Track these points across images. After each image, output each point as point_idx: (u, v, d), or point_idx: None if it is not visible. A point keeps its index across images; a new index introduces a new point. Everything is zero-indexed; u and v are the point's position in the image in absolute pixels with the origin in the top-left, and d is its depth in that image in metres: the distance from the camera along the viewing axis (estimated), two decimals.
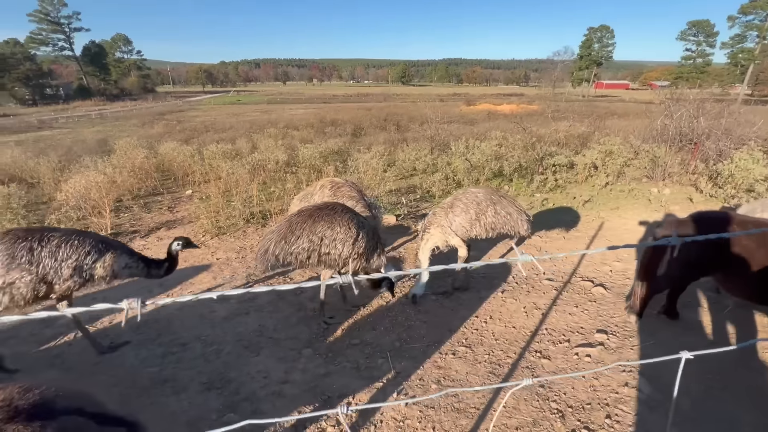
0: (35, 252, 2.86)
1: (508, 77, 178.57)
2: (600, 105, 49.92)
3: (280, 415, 2.58)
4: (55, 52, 66.66)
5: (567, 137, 15.43)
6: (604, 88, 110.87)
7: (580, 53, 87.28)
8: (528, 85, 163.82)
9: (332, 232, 3.31)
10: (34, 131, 30.27)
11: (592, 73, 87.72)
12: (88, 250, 3.02)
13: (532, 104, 51.13)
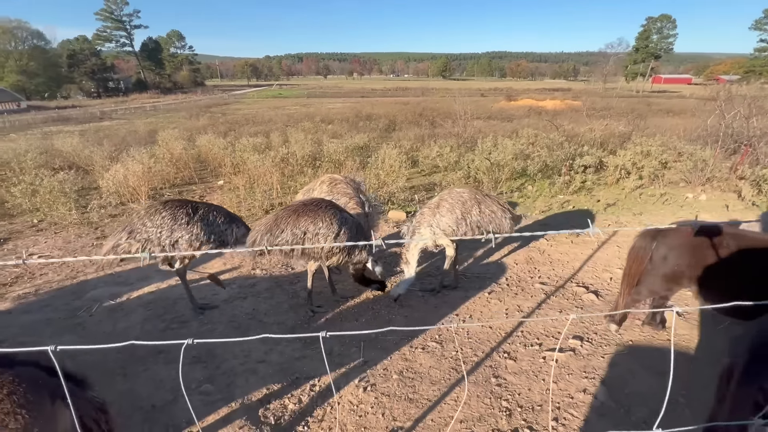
0: (191, 218, 3.68)
1: (556, 71, 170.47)
2: (654, 101, 46.67)
3: (250, 389, 2.86)
4: (117, 48, 72.12)
5: (606, 136, 14.72)
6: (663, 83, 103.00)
7: (636, 45, 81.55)
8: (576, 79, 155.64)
9: (315, 227, 3.53)
10: (96, 122, 32.99)
11: (648, 66, 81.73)
12: (224, 220, 3.84)
13: (577, 100, 48.77)
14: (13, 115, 38.88)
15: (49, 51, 58.65)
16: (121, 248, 3.63)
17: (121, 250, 3.63)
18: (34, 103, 50.44)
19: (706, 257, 2.83)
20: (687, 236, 2.94)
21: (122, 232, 3.68)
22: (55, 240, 6.90)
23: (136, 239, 3.62)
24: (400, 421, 2.54)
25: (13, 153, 12.69)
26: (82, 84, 62.38)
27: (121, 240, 3.65)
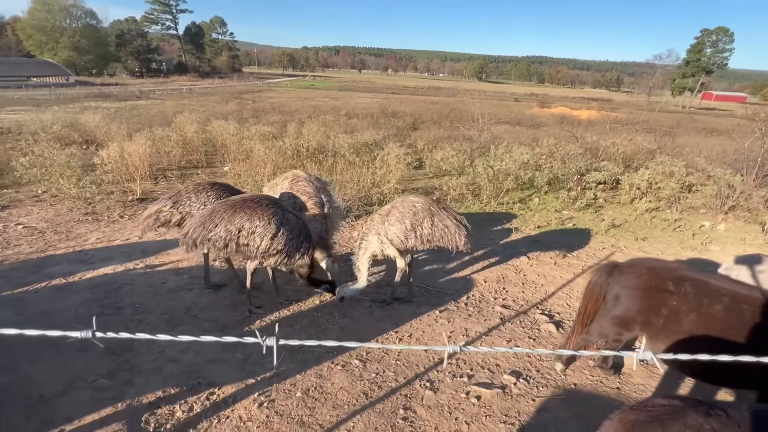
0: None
1: (597, 80, 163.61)
2: (699, 119, 44.00)
3: (146, 390, 2.73)
4: (162, 30, 74.89)
5: (633, 152, 13.86)
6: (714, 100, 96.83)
7: (687, 58, 76.96)
8: (619, 90, 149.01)
9: (251, 224, 3.37)
10: (133, 100, 34.33)
11: (698, 81, 77.01)
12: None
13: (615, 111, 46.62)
14: (60, 88, 41.04)
15: (100, 30, 61.61)
16: (163, 215, 3.94)
17: (163, 217, 3.94)
18: (82, 79, 53.20)
19: (659, 304, 2.45)
20: (643, 276, 2.57)
21: (168, 200, 3.99)
22: (47, 212, 7.09)
23: (178, 210, 3.93)
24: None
25: (41, 124, 13.28)
26: (127, 63, 65.22)
27: (165, 207, 3.95)
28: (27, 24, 55.39)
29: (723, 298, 2.26)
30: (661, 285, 2.45)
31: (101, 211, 7.09)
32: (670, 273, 2.48)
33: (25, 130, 13.20)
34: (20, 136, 12.05)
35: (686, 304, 2.33)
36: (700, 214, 9.22)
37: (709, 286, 2.35)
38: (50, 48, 55.17)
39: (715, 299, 2.28)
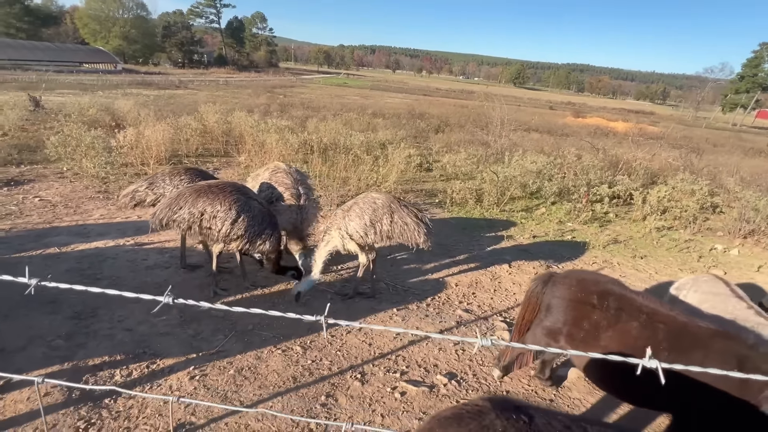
0: None
1: (641, 92, 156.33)
2: (749, 138, 41.36)
3: (95, 353, 2.95)
4: (206, 24, 78.06)
5: (661, 168, 13.28)
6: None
7: (742, 73, 72.33)
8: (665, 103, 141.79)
9: (212, 209, 3.54)
10: (172, 89, 35.92)
11: (753, 98, 72.19)
12: None
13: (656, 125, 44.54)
14: (107, 75, 43.60)
15: (149, 21, 64.96)
16: (138, 195, 4.22)
17: (138, 196, 4.21)
18: (129, 67, 56.25)
19: (582, 317, 2.41)
20: (572, 288, 2.53)
21: (144, 182, 4.28)
22: (65, 187, 7.62)
23: (153, 191, 4.20)
24: (196, 417, 2.48)
25: (79, 107, 14.21)
26: (171, 54, 68.39)
27: (141, 188, 4.23)
28: (84, 13, 59.17)
29: (641, 315, 2.20)
30: (586, 298, 2.40)
31: (113, 191, 7.54)
32: (598, 287, 2.43)
33: (64, 111, 14.12)
34: (57, 116, 12.96)
35: (606, 320, 2.28)
36: (717, 236, 8.74)
37: (632, 302, 2.28)
38: (103, 36, 58.65)
39: (633, 316, 2.22)
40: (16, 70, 37.23)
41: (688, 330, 2.11)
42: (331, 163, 10.61)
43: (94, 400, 2.53)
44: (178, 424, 2.41)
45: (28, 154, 9.38)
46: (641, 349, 2.07)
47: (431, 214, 8.41)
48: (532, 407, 1.30)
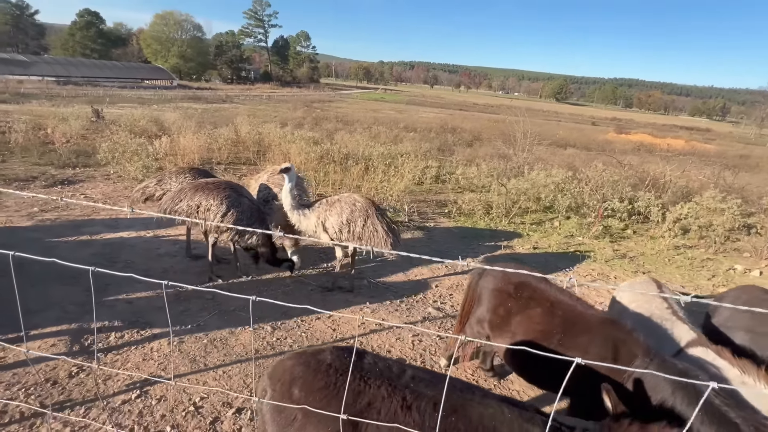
0: None
1: (697, 108, 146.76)
2: None
3: (98, 319, 3.51)
4: (254, 43, 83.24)
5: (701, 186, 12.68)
6: None
7: None
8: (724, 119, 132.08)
9: (206, 203, 4.08)
10: (219, 103, 38.52)
11: None
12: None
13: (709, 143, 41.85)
14: (164, 90, 47.51)
15: (204, 41, 70.38)
16: (149, 190, 4.84)
17: (148, 191, 4.83)
18: (183, 83, 61.03)
19: (499, 304, 2.62)
20: (496, 278, 2.75)
21: (154, 179, 4.98)
22: (108, 187, 8.65)
23: (161, 187, 4.78)
24: (165, 372, 2.93)
25: (132, 118, 15.85)
26: (221, 71, 73.44)
27: (151, 184, 4.90)
28: (148, 35, 65.24)
29: (546, 303, 2.38)
30: (505, 287, 2.61)
31: None
32: (517, 278, 2.63)
33: (120, 122, 15.77)
34: (112, 127, 14.53)
35: (517, 306, 2.48)
36: (742, 257, 8.30)
37: (542, 293, 2.47)
38: (162, 55, 64.21)
39: (539, 304, 2.41)
40: (87, 86, 41.69)
41: (581, 317, 2.27)
42: (347, 172, 11.14)
43: (89, 353, 3.06)
44: (150, 375, 2.87)
45: (83, 158, 10.63)
46: (539, 332, 2.28)
47: (436, 223, 8.64)
48: (367, 353, 1.60)
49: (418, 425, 1.41)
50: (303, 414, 1.42)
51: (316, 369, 1.51)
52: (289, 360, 1.61)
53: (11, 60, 44.50)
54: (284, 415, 1.46)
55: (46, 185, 8.10)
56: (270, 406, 1.51)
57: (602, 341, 2.10)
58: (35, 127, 12.59)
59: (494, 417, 1.44)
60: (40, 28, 69.87)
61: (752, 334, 2.40)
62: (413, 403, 1.42)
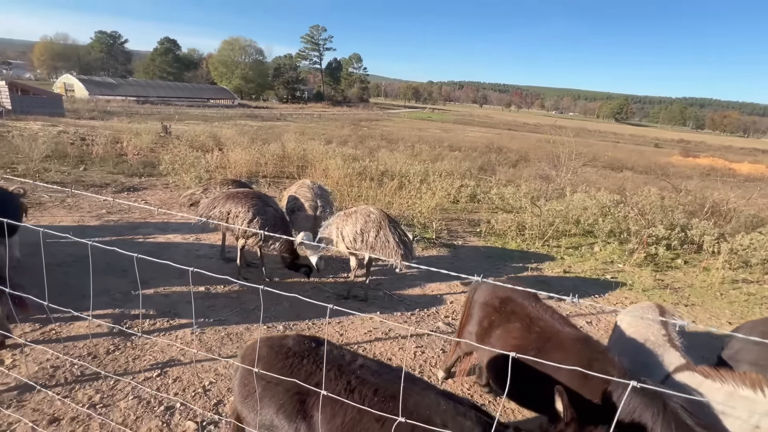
0: None
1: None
2: None
3: (136, 307, 4.00)
4: (309, 65, 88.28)
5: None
6: None
7: None
8: None
9: (235, 209, 4.52)
10: (273, 121, 41.12)
11: None
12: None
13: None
14: (225, 109, 51.63)
15: (264, 64, 75.99)
16: (195, 196, 5.55)
17: (194, 198, 5.54)
18: (243, 102, 66.03)
19: (485, 316, 2.68)
20: (486, 292, 2.81)
21: (200, 187, 5.75)
22: (166, 195, 9.63)
23: (205, 195, 5.42)
24: (183, 357, 3.28)
25: (193, 134, 17.50)
26: (278, 91, 78.50)
27: (197, 191, 5.64)
28: (216, 59, 71.70)
29: (525, 319, 2.42)
30: (491, 301, 2.67)
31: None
32: (504, 293, 2.68)
33: (183, 137, 17.46)
34: (175, 141, 16.15)
35: (499, 320, 2.53)
36: None
37: (524, 309, 2.50)
38: (227, 77, 70.07)
39: (519, 319, 2.44)
40: (161, 105, 46.53)
41: (556, 335, 2.27)
42: (381, 188, 11.46)
43: (125, 336, 3.51)
44: (170, 358, 3.24)
45: (149, 169, 11.90)
46: (514, 347, 2.34)
47: (465, 241, 8.62)
48: (326, 342, 1.79)
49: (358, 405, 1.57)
50: (261, 388, 1.65)
51: (277, 351, 1.74)
52: (258, 343, 1.85)
53: (102, 82, 50.96)
54: (247, 388, 1.70)
55: (116, 191, 9.21)
56: (238, 380, 1.76)
57: (576, 357, 2.10)
58: (113, 141, 14.36)
59: (429, 407, 1.57)
60: (127, 54, 79.48)
61: (756, 367, 2.25)
62: (356, 387, 1.59)
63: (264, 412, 1.69)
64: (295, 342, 1.79)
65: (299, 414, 1.63)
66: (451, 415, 1.52)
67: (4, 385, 2.78)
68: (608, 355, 2.09)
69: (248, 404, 1.72)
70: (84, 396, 2.78)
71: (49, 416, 2.55)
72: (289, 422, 1.63)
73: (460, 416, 1.54)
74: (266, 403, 1.67)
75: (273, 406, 1.66)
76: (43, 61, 73.07)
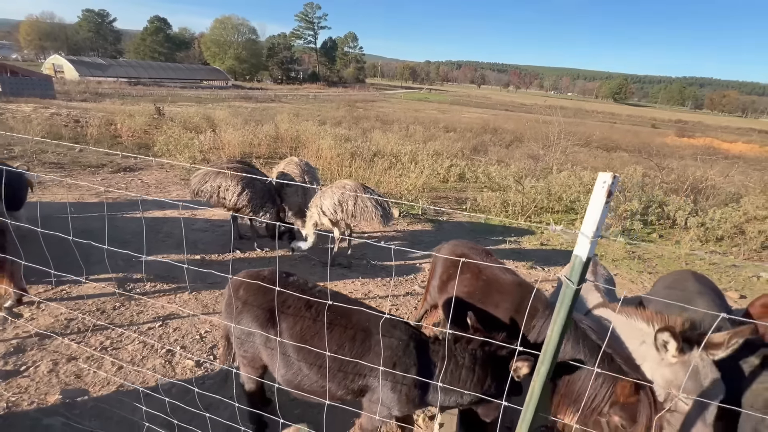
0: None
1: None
2: None
3: (138, 271, 4.40)
4: (304, 44, 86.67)
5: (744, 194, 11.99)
6: None
7: None
8: None
9: (225, 183, 4.87)
10: (267, 102, 40.75)
11: None
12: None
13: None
14: (219, 90, 51.05)
15: (258, 43, 74.55)
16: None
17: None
18: (237, 83, 65.10)
19: (444, 271, 3.09)
20: (447, 250, 3.21)
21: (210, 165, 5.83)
22: (161, 174, 9.92)
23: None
24: (181, 313, 3.70)
25: (186, 115, 17.59)
26: (272, 71, 77.35)
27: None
28: (208, 39, 70.25)
29: (475, 270, 2.83)
30: (449, 257, 3.07)
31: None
32: (462, 250, 3.08)
33: (177, 119, 17.54)
34: (170, 122, 16.27)
35: (454, 272, 2.93)
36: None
37: (475, 262, 2.90)
38: (220, 58, 68.87)
39: (470, 271, 2.85)
40: (154, 86, 45.96)
41: (498, 280, 2.69)
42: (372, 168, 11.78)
43: (129, 297, 3.92)
44: (170, 312, 3.66)
45: (144, 150, 12.12)
46: (465, 292, 2.75)
47: (450, 217, 9.02)
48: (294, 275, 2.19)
49: (313, 317, 2.06)
50: (242, 305, 2.11)
51: (255, 278, 2.18)
52: (241, 273, 2.29)
53: (92, 63, 50.08)
54: (232, 307, 2.14)
55: (112, 171, 9.50)
56: (225, 302, 2.21)
57: (511, 298, 2.52)
58: (107, 123, 14.50)
59: (369, 320, 2.06)
60: (117, 34, 77.61)
61: (662, 305, 2.70)
62: (313, 305, 2.06)
63: (243, 324, 2.15)
64: (269, 273, 2.24)
65: (269, 323, 2.08)
66: (385, 325, 1.97)
67: (26, 332, 3.20)
68: (537, 294, 2.50)
69: (230, 318, 2.17)
70: (96, 341, 3.20)
71: (67, 356, 2.97)
72: (262, 329, 2.10)
73: (392, 327, 2.00)
74: (245, 316, 2.13)
75: (250, 317, 2.10)
76: (30, 41, 71.39)
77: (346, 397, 2.06)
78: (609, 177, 1.16)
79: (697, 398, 1.90)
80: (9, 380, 2.73)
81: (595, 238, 1.22)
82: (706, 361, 1.96)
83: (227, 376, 2.93)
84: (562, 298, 1.31)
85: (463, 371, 1.92)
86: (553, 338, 1.31)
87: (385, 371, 1.89)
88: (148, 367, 2.96)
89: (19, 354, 2.98)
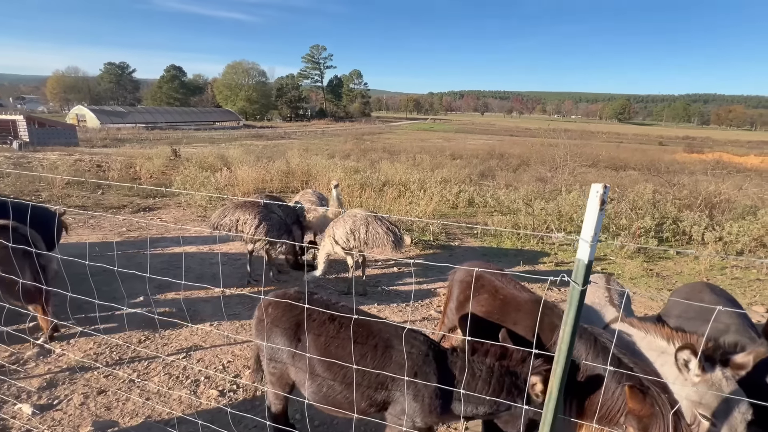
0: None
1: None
2: None
3: (164, 306, 4.53)
4: (311, 83, 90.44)
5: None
6: None
7: None
8: None
9: (244, 217, 5.08)
10: (278, 140, 42.16)
11: None
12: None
13: None
14: (231, 130, 53.08)
15: (267, 84, 78.10)
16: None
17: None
18: (248, 123, 67.68)
19: (461, 292, 3.15)
20: (463, 272, 3.28)
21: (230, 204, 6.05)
22: (179, 212, 10.27)
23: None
24: (204, 343, 3.78)
25: (201, 155, 18.31)
26: (281, 110, 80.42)
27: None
28: (220, 83, 73.92)
29: (492, 290, 2.88)
30: (466, 279, 3.13)
31: (208, 215, 9.92)
32: (478, 269, 3.15)
33: (192, 159, 18.24)
34: (186, 163, 16.94)
35: (471, 293, 2.99)
36: None
37: (491, 282, 2.96)
38: (231, 100, 72.09)
39: (486, 290, 2.91)
40: (170, 130, 48.13)
41: (515, 299, 2.74)
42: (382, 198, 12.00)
43: (154, 327, 4.04)
44: (193, 344, 3.75)
45: (162, 190, 12.57)
46: (486, 312, 2.81)
47: (462, 242, 9.07)
48: (319, 293, 2.30)
49: (336, 329, 2.20)
50: (270, 321, 2.24)
51: (282, 297, 2.33)
52: (269, 295, 2.42)
53: (112, 111, 52.91)
54: (261, 325, 2.28)
55: (133, 211, 9.88)
56: (255, 321, 2.35)
57: (530, 316, 2.56)
58: (127, 166, 15.19)
59: (388, 330, 2.20)
60: (135, 83, 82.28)
61: (680, 319, 2.69)
62: (336, 318, 2.22)
63: (272, 340, 2.30)
64: (295, 292, 2.39)
65: (296, 336, 2.23)
66: (407, 336, 2.08)
67: (57, 367, 3.31)
68: (555, 310, 2.55)
69: (261, 336, 2.34)
70: (123, 374, 3.29)
71: (97, 389, 3.06)
72: (289, 342, 2.25)
73: (412, 338, 2.11)
74: (274, 331, 2.28)
75: (279, 332, 2.26)
76: (55, 94, 76.13)
77: (370, 409, 2.14)
78: (600, 187, 1.27)
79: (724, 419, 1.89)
80: (44, 414, 2.82)
81: (594, 243, 1.32)
82: (731, 380, 1.95)
83: (251, 405, 2.98)
84: (570, 299, 1.40)
85: (479, 383, 1.98)
86: (565, 337, 1.38)
87: (407, 381, 1.96)
88: (174, 397, 3.03)
89: (52, 388, 3.08)
